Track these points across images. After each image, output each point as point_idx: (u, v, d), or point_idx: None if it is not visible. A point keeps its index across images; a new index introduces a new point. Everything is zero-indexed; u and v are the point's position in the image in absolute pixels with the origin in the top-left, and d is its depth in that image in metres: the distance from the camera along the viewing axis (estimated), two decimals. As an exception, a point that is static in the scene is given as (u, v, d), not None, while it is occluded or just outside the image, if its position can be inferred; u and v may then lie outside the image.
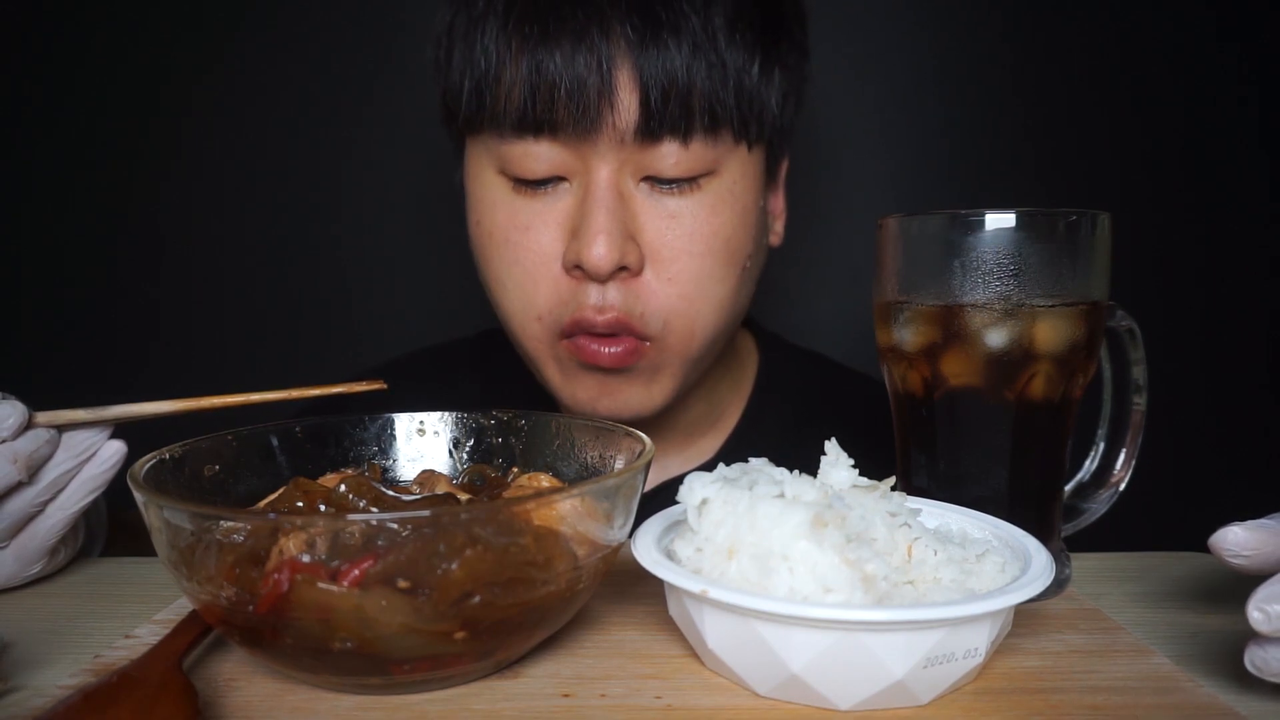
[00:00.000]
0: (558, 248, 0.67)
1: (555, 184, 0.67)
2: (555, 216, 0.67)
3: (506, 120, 0.65)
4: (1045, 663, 0.42)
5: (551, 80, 0.63)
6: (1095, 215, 0.49)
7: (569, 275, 0.67)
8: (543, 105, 0.63)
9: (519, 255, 0.68)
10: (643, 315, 0.67)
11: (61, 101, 1.21)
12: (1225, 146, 1.15)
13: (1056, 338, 0.49)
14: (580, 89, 0.63)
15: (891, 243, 0.52)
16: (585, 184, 0.66)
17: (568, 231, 0.67)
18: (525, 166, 0.66)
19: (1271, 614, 0.37)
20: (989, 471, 0.51)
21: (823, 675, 0.37)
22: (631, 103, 0.64)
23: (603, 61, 0.63)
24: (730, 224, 0.69)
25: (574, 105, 0.63)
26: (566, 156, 0.66)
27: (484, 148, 0.69)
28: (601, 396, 0.71)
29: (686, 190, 0.67)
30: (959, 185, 1.18)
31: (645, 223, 0.67)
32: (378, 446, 0.55)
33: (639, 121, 0.64)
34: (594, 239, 0.64)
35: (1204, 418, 1.17)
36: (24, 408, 0.51)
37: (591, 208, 0.65)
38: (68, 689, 0.40)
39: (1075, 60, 1.15)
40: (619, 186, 0.66)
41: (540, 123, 0.64)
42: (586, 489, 0.39)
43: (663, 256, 0.67)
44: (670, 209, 0.67)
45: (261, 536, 0.37)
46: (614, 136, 0.64)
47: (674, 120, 0.64)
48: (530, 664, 0.42)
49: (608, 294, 0.66)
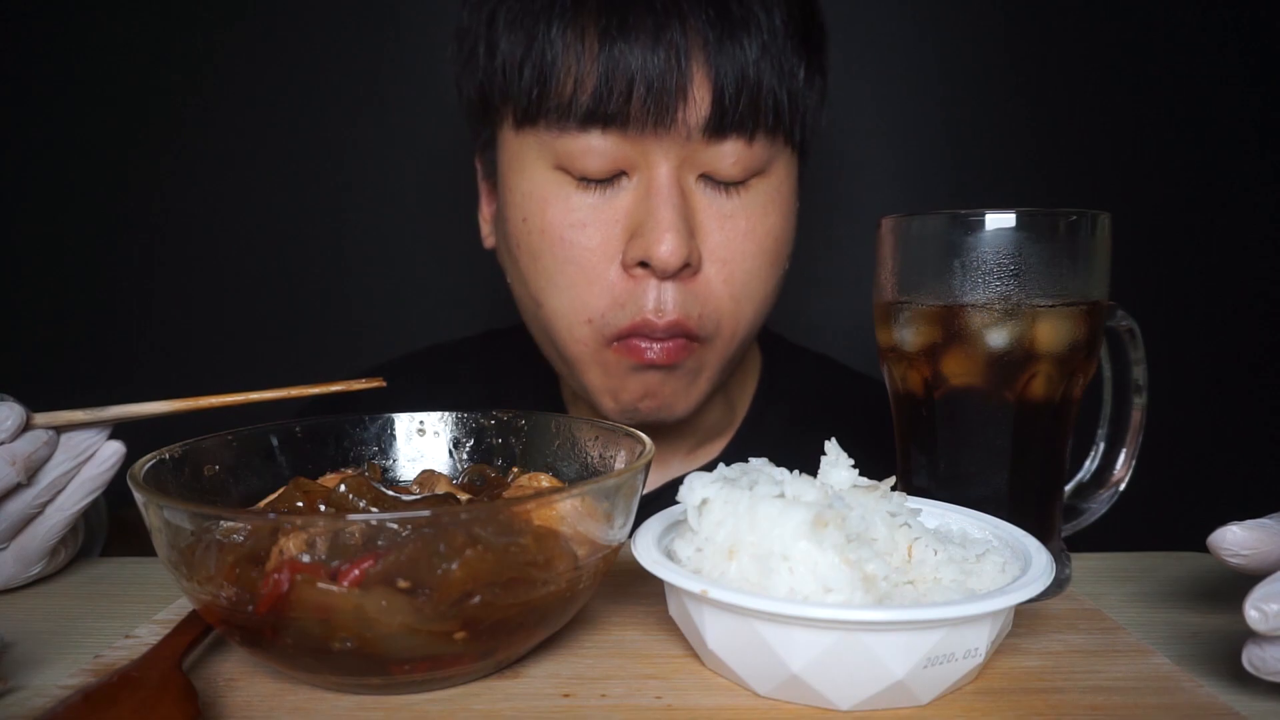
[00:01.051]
0: (615, 246, 0.66)
1: (615, 180, 0.66)
2: (613, 214, 0.66)
3: (574, 113, 0.64)
4: (1045, 663, 0.42)
5: (629, 74, 0.62)
6: (1095, 215, 0.49)
7: (627, 274, 0.66)
8: (618, 98, 0.63)
9: (573, 254, 0.67)
10: (700, 316, 0.67)
11: (61, 101, 1.21)
12: (1225, 146, 1.15)
13: (1057, 338, 0.49)
14: (658, 83, 0.62)
15: (892, 243, 0.52)
16: (647, 180, 0.65)
17: (626, 229, 0.66)
18: (587, 161, 0.65)
19: (1268, 613, 0.37)
20: (989, 471, 0.51)
21: (823, 675, 0.37)
22: (704, 99, 0.64)
23: (681, 56, 0.62)
24: (779, 225, 0.70)
25: (650, 100, 0.63)
26: (630, 151, 0.65)
27: (536, 141, 0.67)
28: (645, 397, 0.70)
29: (739, 190, 0.68)
30: (959, 185, 1.18)
31: (704, 221, 0.67)
32: (378, 446, 0.55)
33: (710, 118, 0.64)
34: (663, 235, 0.63)
35: (1204, 418, 1.17)
36: (22, 409, 0.50)
37: (657, 204, 0.64)
38: (68, 689, 0.40)
39: (1076, 60, 1.15)
40: (681, 183, 0.66)
41: (611, 116, 0.63)
42: (586, 489, 0.39)
43: (720, 256, 0.67)
44: (726, 209, 0.67)
45: (261, 536, 0.37)
46: (682, 132, 0.64)
47: (742, 118, 0.64)
48: (530, 664, 0.42)
49: (666, 294, 0.66)
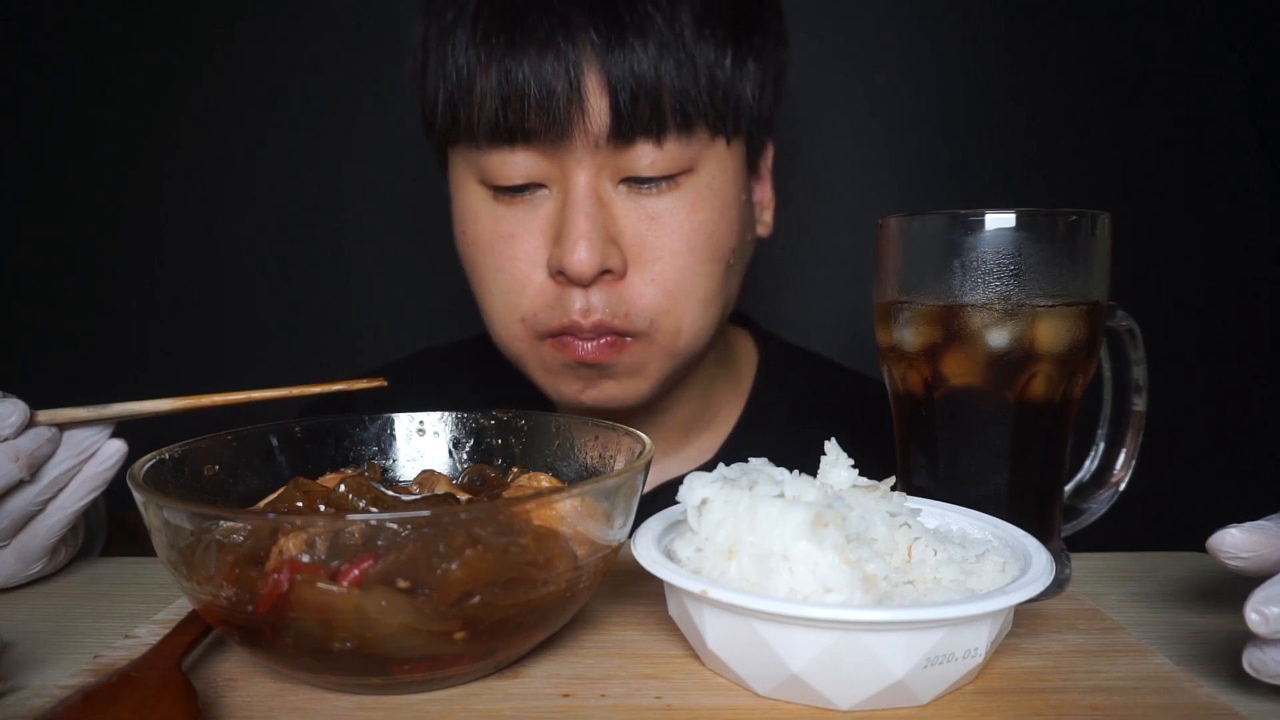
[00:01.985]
0: (541, 254, 0.68)
1: (534, 191, 0.68)
2: (537, 224, 0.68)
3: (481, 131, 0.66)
4: (1045, 663, 0.42)
5: (521, 89, 0.63)
6: (1095, 215, 0.49)
7: (554, 280, 0.68)
8: (514, 114, 0.64)
9: (503, 263, 0.69)
10: (627, 315, 0.68)
11: (61, 101, 1.21)
12: (1226, 146, 1.15)
13: (1057, 338, 0.49)
14: (549, 96, 0.63)
15: (892, 243, 0.52)
16: (564, 190, 0.67)
17: (550, 238, 0.67)
18: (503, 175, 0.67)
19: (1269, 616, 0.37)
20: (989, 471, 0.51)
21: (823, 675, 0.37)
22: (602, 106, 0.64)
23: (570, 68, 0.63)
24: (712, 220, 0.69)
25: (545, 113, 0.63)
26: (543, 164, 0.66)
27: (463, 158, 0.70)
28: (586, 389, 0.72)
29: (666, 189, 0.68)
30: (959, 184, 1.18)
31: (626, 225, 0.67)
32: (378, 446, 0.55)
33: (611, 125, 0.64)
34: (575, 245, 0.64)
35: (1204, 418, 1.17)
36: (25, 406, 0.51)
37: (571, 214, 0.65)
38: (68, 689, 0.40)
39: (1076, 60, 1.15)
40: (597, 190, 0.66)
41: (513, 132, 0.65)
42: (586, 489, 0.39)
43: (645, 258, 0.68)
44: (650, 209, 0.68)
45: (261, 536, 0.37)
46: (588, 141, 0.65)
47: (645, 121, 0.64)
48: (530, 664, 0.42)
49: (592, 298, 0.67)
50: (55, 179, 1.22)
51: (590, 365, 0.69)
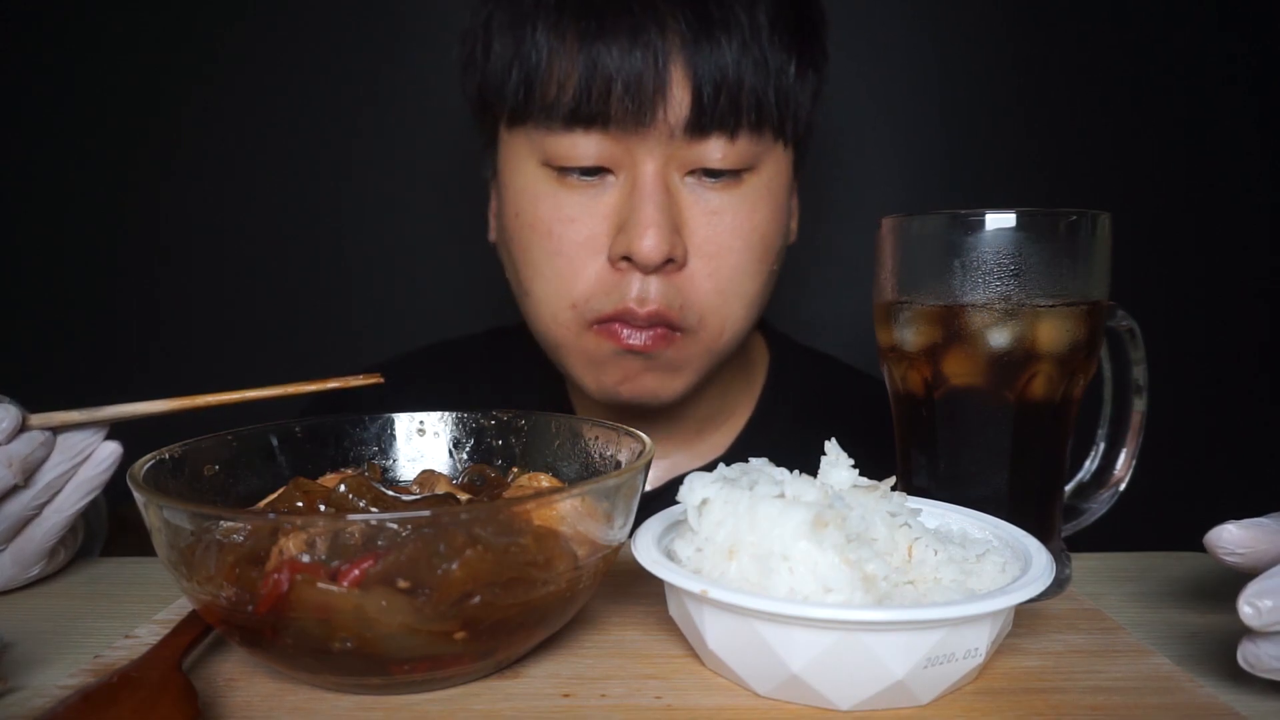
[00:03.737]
0: (601, 240, 0.68)
1: (601, 176, 0.68)
2: (600, 209, 0.68)
3: (557, 112, 0.66)
4: (1045, 663, 0.42)
5: (608, 74, 0.64)
6: (1095, 215, 0.49)
7: (613, 267, 0.68)
8: (598, 99, 0.64)
9: (561, 246, 0.69)
10: (681, 308, 0.69)
11: (62, 101, 1.21)
12: (1226, 146, 1.15)
13: (1057, 338, 0.49)
14: (636, 83, 0.64)
15: (892, 243, 0.52)
16: (632, 177, 0.67)
17: (613, 224, 0.68)
18: (572, 158, 0.67)
19: (1262, 609, 0.37)
20: (989, 471, 0.51)
21: (823, 675, 0.37)
22: (684, 98, 0.65)
23: (658, 56, 0.64)
24: (766, 220, 0.71)
25: (629, 99, 0.64)
26: (614, 149, 0.67)
27: (526, 140, 0.69)
28: (626, 380, 0.72)
29: (729, 185, 0.69)
30: (959, 185, 1.18)
31: (689, 217, 0.68)
32: (378, 446, 0.55)
33: (689, 116, 0.65)
34: (645, 231, 0.65)
35: (1204, 418, 1.17)
36: (18, 410, 0.50)
37: (640, 201, 0.66)
38: (67, 689, 0.40)
39: (1077, 60, 1.15)
40: (665, 180, 0.67)
41: (593, 116, 0.65)
42: (586, 489, 0.39)
43: (706, 251, 0.68)
44: (713, 204, 0.68)
45: (261, 536, 0.37)
46: (664, 131, 0.66)
47: (723, 116, 0.66)
48: (530, 664, 0.42)
49: (650, 287, 0.67)
50: (55, 179, 1.22)
51: (638, 355, 0.69)
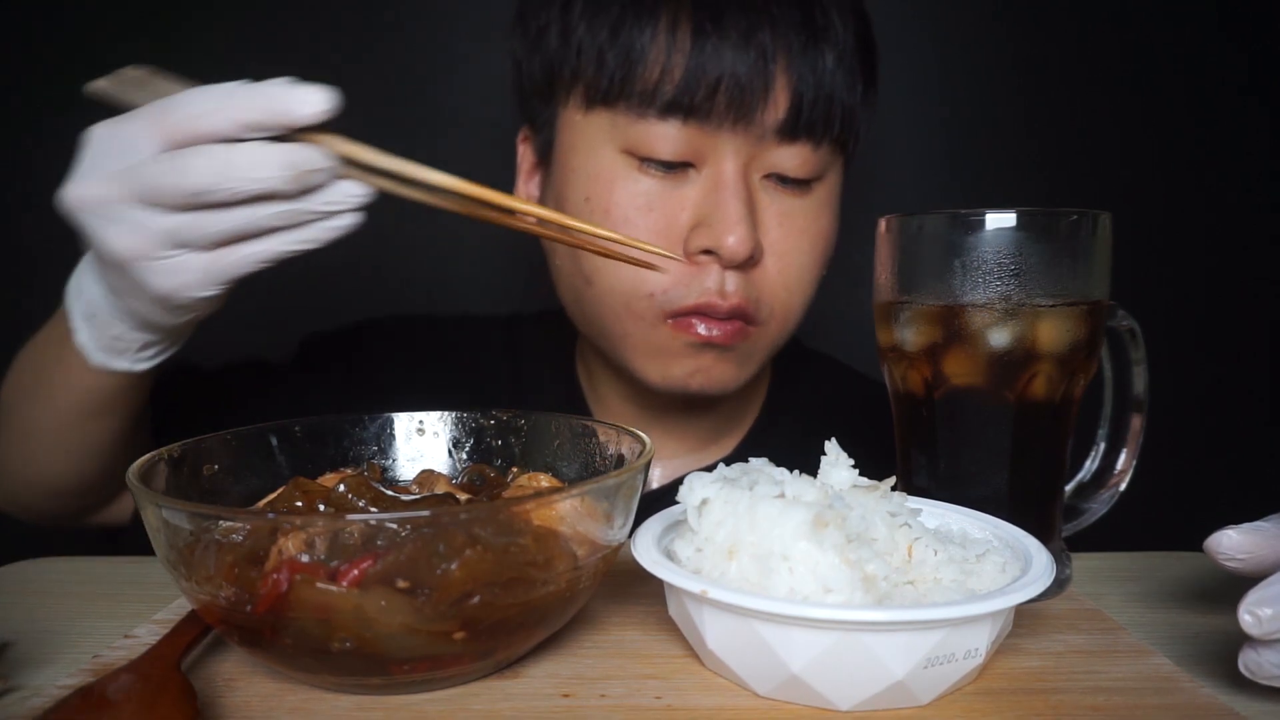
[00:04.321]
0: (678, 232, 0.68)
1: (681, 170, 0.68)
2: (679, 202, 0.69)
3: (655, 100, 0.66)
4: (1046, 663, 0.42)
5: (716, 69, 0.65)
6: (1095, 215, 0.49)
7: (689, 260, 0.68)
8: (702, 92, 0.65)
9: (639, 235, 0.68)
10: (758, 302, 0.70)
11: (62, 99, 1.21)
12: (1226, 146, 1.15)
13: (1057, 338, 0.48)
14: (742, 82, 0.65)
15: (892, 242, 0.52)
16: (715, 173, 0.68)
17: (691, 218, 0.68)
18: (659, 148, 0.67)
19: (1262, 617, 0.37)
20: (989, 471, 0.51)
21: (823, 675, 0.36)
22: (782, 102, 0.66)
23: (767, 58, 0.65)
24: (827, 229, 0.73)
25: (732, 97, 0.65)
26: (702, 144, 0.67)
27: (610, 124, 0.69)
28: (697, 372, 0.72)
29: (800, 192, 0.70)
30: (959, 185, 1.18)
31: (765, 218, 0.69)
32: (377, 446, 0.55)
33: (784, 120, 0.66)
34: (732, 227, 0.66)
35: (1204, 418, 1.17)
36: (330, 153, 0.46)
37: (726, 197, 0.67)
38: (67, 689, 0.40)
39: (1077, 59, 1.15)
40: (747, 179, 0.68)
41: (692, 108, 0.65)
42: (586, 489, 0.39)
43: (778, 251, 0.70)
44: (785, 208, 0.70)
45: (261, 536, 0.37)
46: (756, 131, 0.67)
47: (813, 124, 0.67)
48: (530, 664, 0.42)
49: (730, 281, 0.68)
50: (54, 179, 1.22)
51: (715, 347, 0.70)
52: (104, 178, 0.46)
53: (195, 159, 0.44)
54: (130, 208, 0.46)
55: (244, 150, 0.44)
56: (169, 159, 0.45)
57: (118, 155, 0.46)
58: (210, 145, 0.45)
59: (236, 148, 0.44)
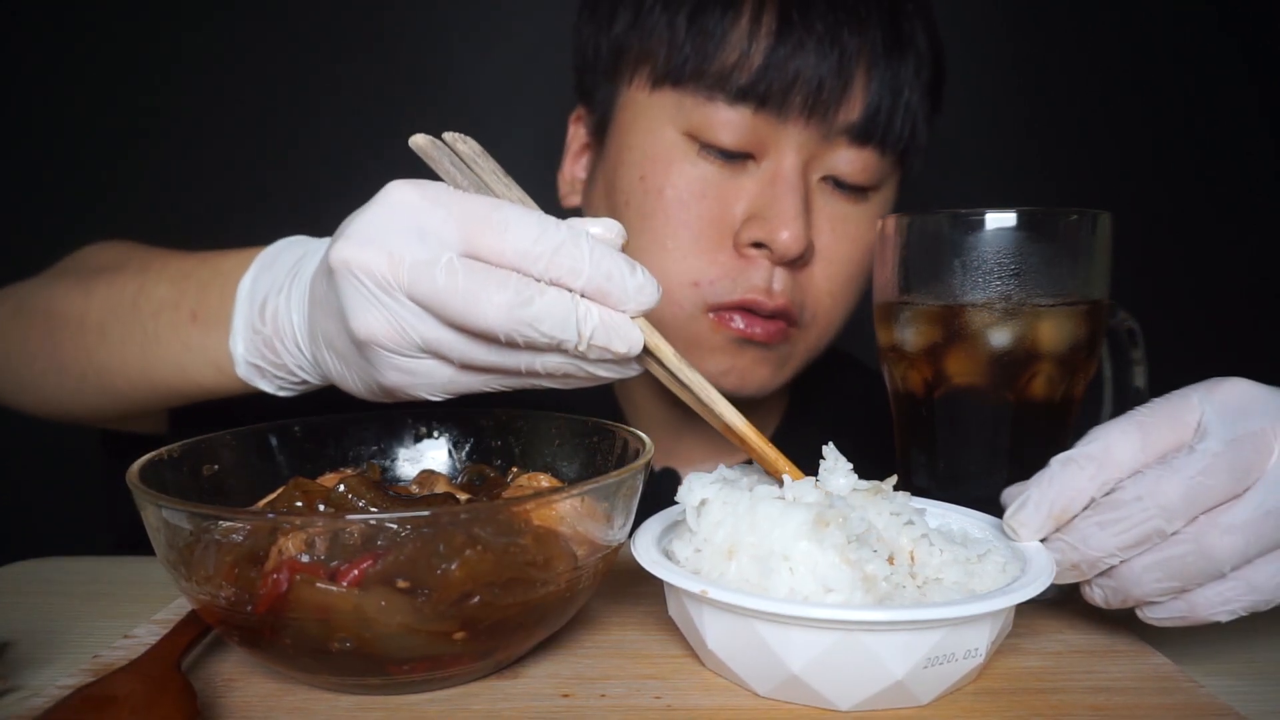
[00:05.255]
0: (731, 223, 0.68)
1: (741, 161, 0.68)
2: (736, 191, 0.68)
3: (728, 85, 0.65)
4: (1046, 663, 0.42)
5: (796, 61, 0.64)
6: (1095, 215, 0.49)
7: (738, 252, 0.67)
8: (782, 84, 0.64)
9: (690, 220, 0.68)
10: (802, 304, 0.69)
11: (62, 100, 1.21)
12: (1226, 147, 1.15)
13: (1057, 337, 0.48)
14: (821, 78, 0.64)
15: (892, 243, 0.52)
16: (775, 167, 0.67)
17: (746, 209, 0.67)
18: (723, 135, 0.66)
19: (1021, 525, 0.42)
20: (989, 471, 0.51)
21: (823, 675, 0.36)
22: (858, 104, 0.66)
23: (849, 59, 0.65)
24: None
25: (809, 92, 0.64)
26: (766, 135, 0.66)
27: (675, 105, 0.68)
28: (733, 370, 0.71)
29: (855, 199, 0.70)
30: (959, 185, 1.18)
31: (818, 220, 0.69)
32: (377, 446, 0.55)
33: (858, 123, 0.66)
34: (788, 223, 0.65)
35: (1204, 418, 1.16)
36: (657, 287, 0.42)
37: (784, 191, 0.66)
38: (67, 689, 0.40)
39: (1078, 60, 1.15)
40: (806, 178, 0.67)
41: (765, 96, 0.65)
42: (586, 489, 0.39)
43: (828, 256, 0.69)
44: (839, 212, 0.69)
45: (260, 536, 0.37)
46: (825, 130, 0.66)
47: (884, 130, 0.67)
48: (530, 664, 0.42)
49: (778, 279, 0.67)
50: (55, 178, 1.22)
51: (754, 345, 0.69)
52: (386, 256, 0.39)
53: (495, 293, 0.39)
54: (402, 301, 0.40)
55: (553, 301, 0.39)
56: (466, 278, 0.39)
57: (412, 237, 0.39)
58: (514, 278, 0.39)
59: (546, 295, 0.39)
